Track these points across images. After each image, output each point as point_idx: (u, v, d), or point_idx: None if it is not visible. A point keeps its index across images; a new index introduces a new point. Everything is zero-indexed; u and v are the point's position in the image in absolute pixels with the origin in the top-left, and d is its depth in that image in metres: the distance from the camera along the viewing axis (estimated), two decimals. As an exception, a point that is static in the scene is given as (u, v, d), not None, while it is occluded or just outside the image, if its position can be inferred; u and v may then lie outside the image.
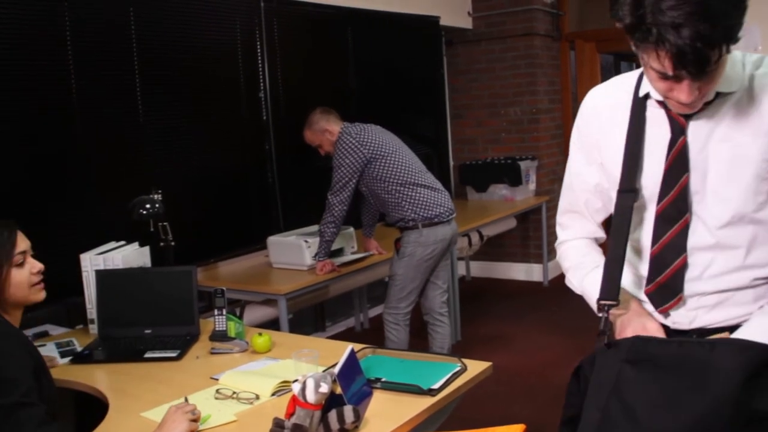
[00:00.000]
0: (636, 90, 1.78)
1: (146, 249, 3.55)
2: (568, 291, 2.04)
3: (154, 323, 3.19)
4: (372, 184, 4.37)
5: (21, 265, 2.24)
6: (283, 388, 2.42)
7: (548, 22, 7.43)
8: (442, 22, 7.02)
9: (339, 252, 4.67)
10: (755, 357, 1.50)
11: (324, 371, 2.24)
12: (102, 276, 3.27)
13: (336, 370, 2.07)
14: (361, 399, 2.15)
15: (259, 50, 5.07)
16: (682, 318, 1.79)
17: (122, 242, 3.52)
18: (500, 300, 6.95)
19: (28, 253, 2.28)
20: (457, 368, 2.49)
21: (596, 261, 1.95)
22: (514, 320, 6.22)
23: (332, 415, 2.01)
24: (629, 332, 1.72)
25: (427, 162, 4.69)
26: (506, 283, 7.59)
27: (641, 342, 1.63)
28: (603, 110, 1.87)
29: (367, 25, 6.08)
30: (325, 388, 1.97)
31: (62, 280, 3.69)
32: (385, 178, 4.33)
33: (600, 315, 1.76)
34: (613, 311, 1.77)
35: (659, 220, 1.75)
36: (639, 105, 1.77)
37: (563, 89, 7.66)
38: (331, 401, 2.04)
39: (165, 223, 3.62)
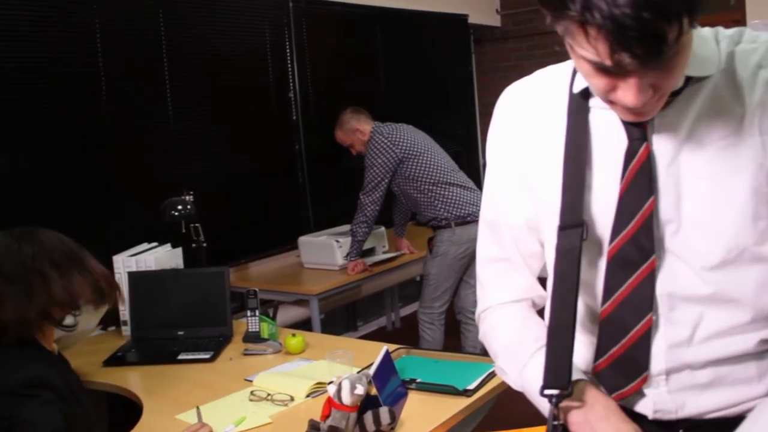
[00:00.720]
0: (571, 84, 1.27)
1: (178, 250, 3.56)
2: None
3: (187, 324, 3.19)
4: (404, 183, 4.36)
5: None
6: (317, 389, 2.40)
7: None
8: (471, 20, 6.99)
9: (370, 251, 4.66)
10: None
11: (359, 372, 2.23)
12: (135, 278, 3.28)
13: (371, 371, 2.05)
14: (396, 400, 2.12)
15: (288, 50, 5.07)
16: (667, 404, 1.26)
17: (154, 244, 3.53)
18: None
19: None
20: (492, 368, 2.47)
21: (539, 339, 1.33)
22: (546, 319, 6.16)
23: (368, 416, 1.99)
24: (606, 429, 1.20)
25: (456, 160, 4.67)
26: (537, 281, 7.52)
27: None
28: (529, 111, 1.35)
29: (396, 23, 6.06)
30: (360, 390, 1.95)
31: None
32: (417, 177, 4.33)
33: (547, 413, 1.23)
34: (565, 404, 1.23)
35: (612, 266, 1.23)
36: (578, 105, 1.26)
37: (593, 86, 7.56)
38: (367, 402, 2.02)
39: (197, 225, 3.62)
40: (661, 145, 1.19)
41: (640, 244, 1.19)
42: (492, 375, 2.42)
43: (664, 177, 1.19)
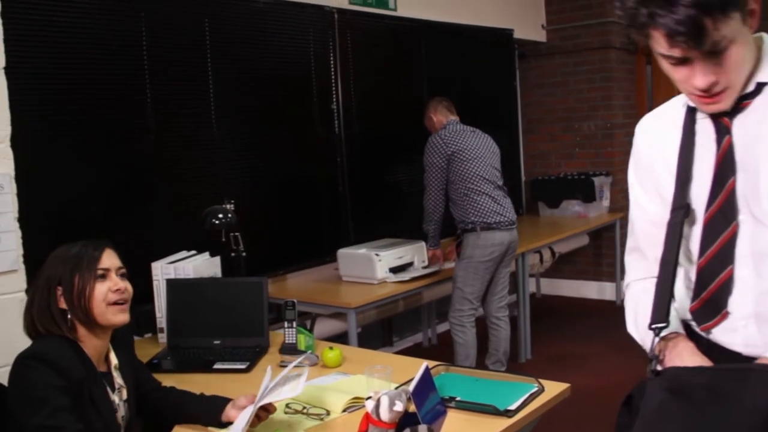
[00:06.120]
0: (688, 106, 1.67)
1: (217, 259, 3.54)
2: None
3: (224, 334, 3.16)
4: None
5: (102, 279, 2.19)
6: (354, 404, 2.36)
7: (624, 35, 7.25)
8: (516, 35, 6.94)
9: (409, 266, 4.62)
10: None
11: (397, 388, 2.17)
12: (172, 285, 3.26)
13: (411, 387, 1.99)
14: (435, 418, 2.06)
15: (332, 62, 5.05)
16: (756, 342, 1.59)
17: (193, 252, 3.52)
18: (571, 318, 6.79)
19: (113, 272, 2.23)
20: (534, 389, 2.40)
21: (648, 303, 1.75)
22: (585, 339, 6.07)
23: (406, 434, 1.93)
24: (679, 363, 1.60)
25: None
26: (577, 301, 7.43)
27: (682, 370, 1.55)
28: (654, 131, 1.77)
29: (441, 37, 6.03)
30: (399, 407, 1.90)
31: (133, 288, 3.71)
32: (455, 180, 4.63)
33: (652, 340, 1.65)
34: (665, 336, 1.65)
35: (706, 230, 1.61)
36: (689, 119, 1.66)
37: (639, 104, 7.48)
38: (405, 420, 1.97)
39: (237, 234, 3.60)
40: (741, 137, 1.55)
41: (725, 213, 1.57)
42: (535, 395, 2.36)
43: (744, 161, 1.55)
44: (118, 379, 2.26)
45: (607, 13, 6.97)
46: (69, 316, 2.15)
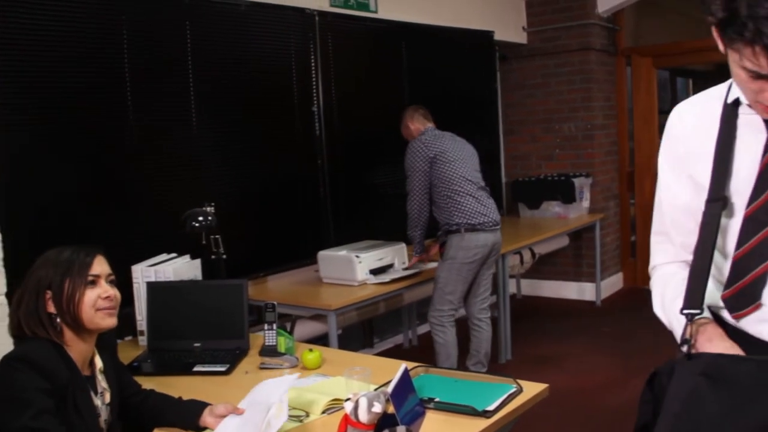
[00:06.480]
0: (726, 98, 1.69)
1: (197, 262, 3.54)
2: (621, 311, 1.95)
3: (204, 336, 3.17)
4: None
5: (92, 285, 2.20)
6: (333, 405, 2.37)
7: (604, 37, 7.32)
8: (497, 37, 6.97)
9: (389, 267, 4.62)
10: None
11: (376, 389, 2.19)
12: (153, 288, 3.26)
13: (389, 388, 2.01)
14: (413, 419, 2.08)
15: (313, 64, 5.06)
16: None
17: (174, 254, 3.51)
18: (552, 319, 6.83)
19: (103, 278, 2.23)
20: (513, 389, 2.42)
21: (682, 287, 1.77)
22: (565, 340, 6.10)
23: (384, 435, 1.95)
24: (709, 348, 1.61)
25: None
26: (558, 302, 7.47)
27: (722, 357, 1.56)
28: (691, 120, 1.78)
29: (422, 39, 6.04)
30: (378, 408, 1.91)
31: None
32: (438, 183, 4.65)
33: (684, 325, 1.67)
34: (697, 321, 1.66)
35: (746, 224, 1.63)
36: (730, 112, 1.68)
37: (619, 105, 7.54)
38: (384, 421, 1.98)
39: (217, 236, 3.61)
40: None
41: None
42: (513, 396, 2.38)
43: None
44: (102, 383, 2.27)
45: (587, 15, 7.02)
46: (57, 320, 2.15)
